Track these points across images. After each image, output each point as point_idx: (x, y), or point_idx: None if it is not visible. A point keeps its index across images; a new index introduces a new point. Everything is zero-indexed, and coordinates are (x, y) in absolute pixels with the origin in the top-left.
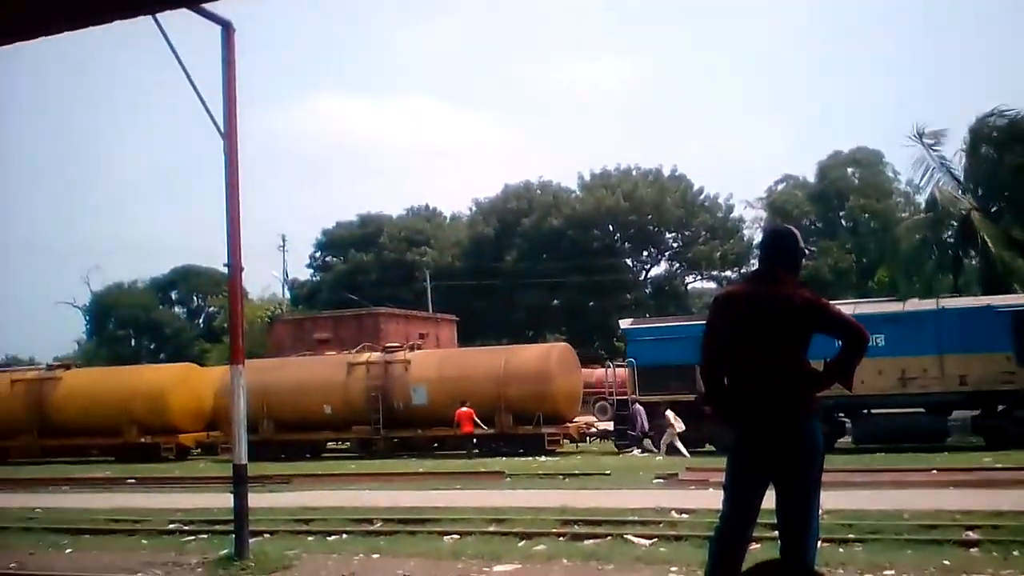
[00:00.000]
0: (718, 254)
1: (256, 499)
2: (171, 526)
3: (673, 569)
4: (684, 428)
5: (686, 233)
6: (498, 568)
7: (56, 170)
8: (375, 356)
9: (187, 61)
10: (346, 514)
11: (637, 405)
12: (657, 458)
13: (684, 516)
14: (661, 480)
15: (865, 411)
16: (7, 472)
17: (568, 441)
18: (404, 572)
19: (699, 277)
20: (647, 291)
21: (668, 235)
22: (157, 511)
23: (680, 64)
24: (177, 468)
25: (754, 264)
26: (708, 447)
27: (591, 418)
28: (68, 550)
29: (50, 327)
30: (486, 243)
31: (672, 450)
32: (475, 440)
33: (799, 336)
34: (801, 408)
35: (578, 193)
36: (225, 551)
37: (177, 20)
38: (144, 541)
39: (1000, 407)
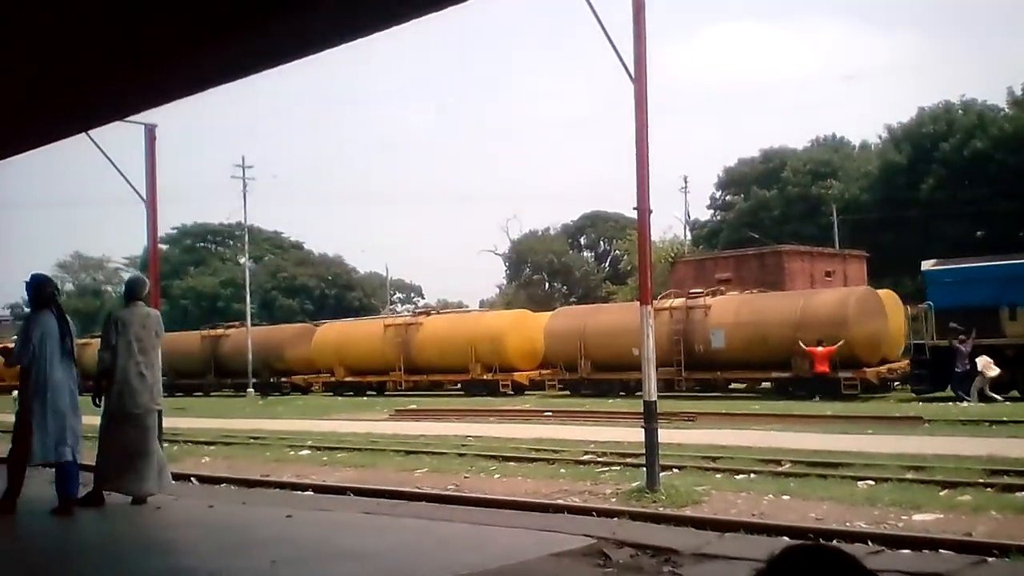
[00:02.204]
0: None
1: (663, 435)
2: (585, 457)
3: None
4: (998, 372)
5: None
6: (918, 517)
7: (477, 124)
8: (677, 302)
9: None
10: (753, 454)
11: (962, 347)
12: (964, 404)
13: None
14: None
15: None
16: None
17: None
18: (816, 515)
19: None
20: None
21: None
22: (573, 442)
23: None
24: (586, 404)
25: None
26: (1014, 392)
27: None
28: (496, 475)
29: (475, 273)
30: (898, 172)
31: (984, 397)
32: (829, 379)
33: None
34: None
35: (1007, 111)
36: (637, 483)
37: None
38: (562, 470)
39: None
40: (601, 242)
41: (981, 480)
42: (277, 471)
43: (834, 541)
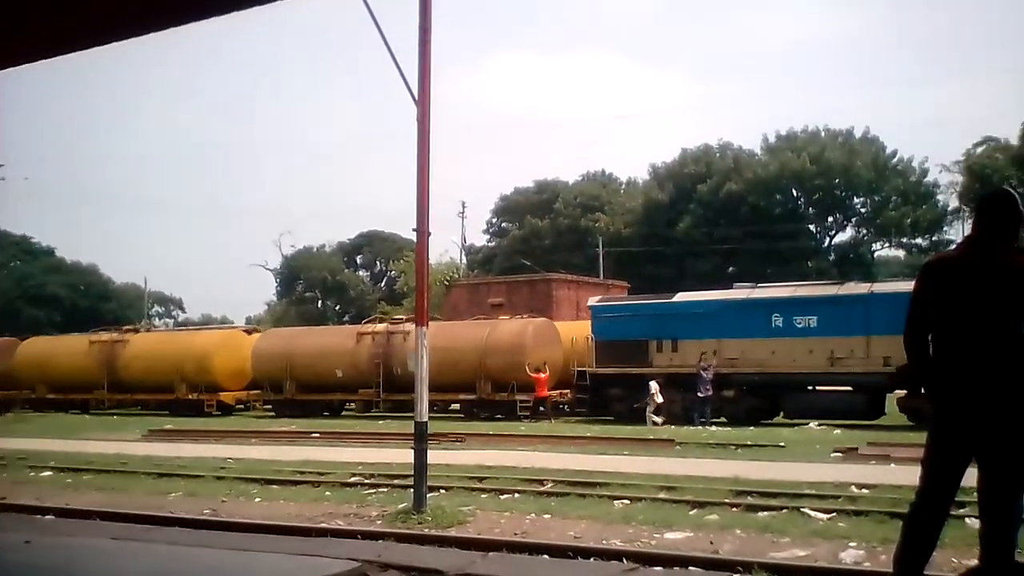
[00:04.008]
0: (909, 220)
1: (433, 455)
2: (352, 479)
3: (852, 544)
4: (662, 401)
5: (876, 198)
6: (669, 535)
7: (252, 136)
8: (380, 327)
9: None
10: (518, 474)
11: (704, 372)
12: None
13: (864, 491)
14: (839, 454)
15: (796, 388)
16: (162, 423)
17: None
18: (575, 534)
19: (887, 244)
20: (830, 259)
21: (856, 200)
22: (340, 464)
23: (873, 19)
24: (358, 424)
25: (948, 232)
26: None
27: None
28: (257, 499)
29: (245, 288)
30: (660, 209)
31: (651, 420)
32: (548, 405)
33: (1018, 306)
34: (1017, 383)
35: (761, 156)
36: (403, 505)
37: None
38: (328, 493)
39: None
40: (378, 262)
41: (727, 500)
42: (14, 493)
43: (591, 559)
